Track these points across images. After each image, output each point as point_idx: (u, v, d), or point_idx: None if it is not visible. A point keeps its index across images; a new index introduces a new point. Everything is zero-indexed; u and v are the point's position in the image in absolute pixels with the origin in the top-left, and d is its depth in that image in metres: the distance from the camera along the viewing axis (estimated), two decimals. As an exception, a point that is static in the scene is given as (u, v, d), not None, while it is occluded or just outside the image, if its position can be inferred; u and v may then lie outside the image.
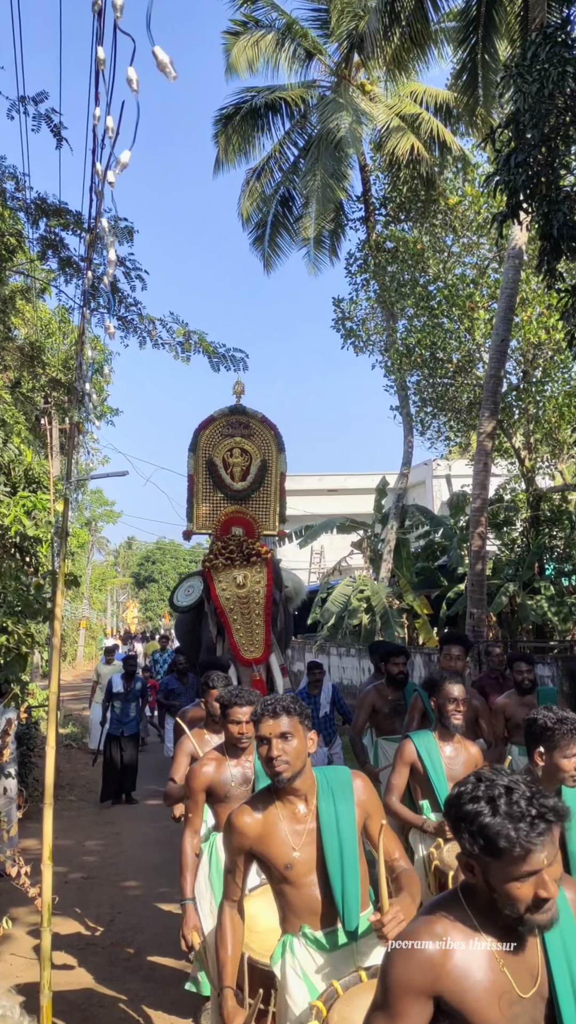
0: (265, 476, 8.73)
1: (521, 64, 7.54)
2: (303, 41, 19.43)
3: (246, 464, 8.73)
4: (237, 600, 8.10)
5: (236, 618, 8.04)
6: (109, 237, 3.41)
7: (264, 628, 8.00)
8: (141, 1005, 5.15)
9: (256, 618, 8.06)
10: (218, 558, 8.28)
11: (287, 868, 2.98)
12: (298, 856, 2.98)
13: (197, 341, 4.27)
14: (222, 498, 8.64)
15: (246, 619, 8.05)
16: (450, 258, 16.98)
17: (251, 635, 7.99)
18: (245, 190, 20.56)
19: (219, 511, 8.60)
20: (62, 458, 19.33)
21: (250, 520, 8.58)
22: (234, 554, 8.30)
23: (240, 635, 7.96)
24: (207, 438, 8.69)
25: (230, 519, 8.56)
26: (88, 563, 42.64)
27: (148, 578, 76.19)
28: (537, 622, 15.90)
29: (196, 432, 8.72)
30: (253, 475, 8.69)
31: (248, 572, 8.22)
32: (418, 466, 25.66)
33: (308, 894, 2.98)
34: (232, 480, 8.66)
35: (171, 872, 7.78)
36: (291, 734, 2.97)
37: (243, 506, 8.64)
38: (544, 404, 15.90)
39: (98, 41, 2.98)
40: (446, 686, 4.63)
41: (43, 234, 4.47)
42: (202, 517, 8.61)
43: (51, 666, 4.75)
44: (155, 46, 2.63)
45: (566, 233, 7.60)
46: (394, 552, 18.68)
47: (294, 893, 2.99)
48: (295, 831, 3.01)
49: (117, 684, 11.48)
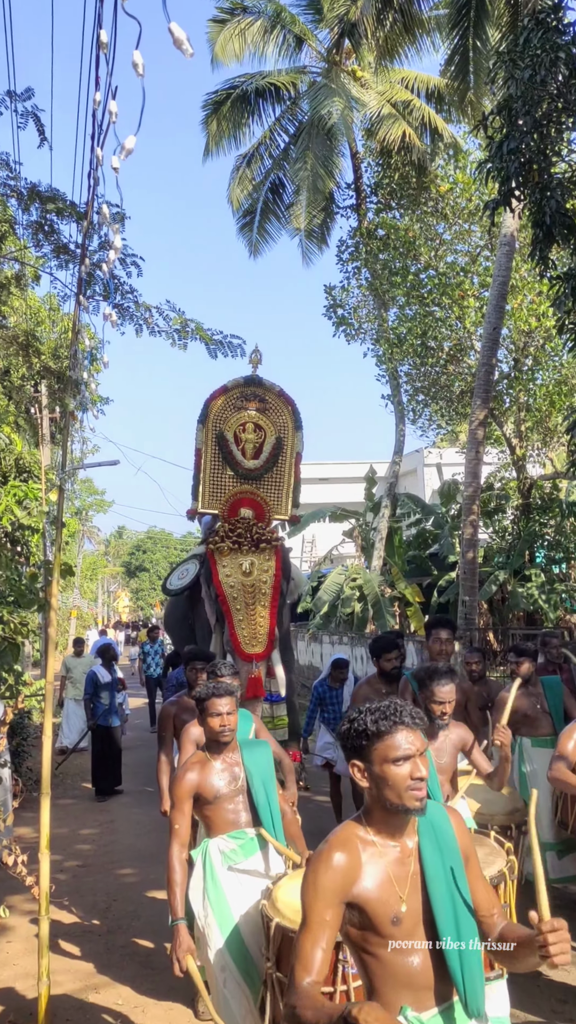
0: (280, 455, 8.05)
1: (513, 50, 7.52)
2: (293, 27, 19.30)
3: (259, 441, 8.04)
4: (242, 588, 7.50)
5: (239, 608, 7.47)
6: (112, 224, 3.38)
7: (269, 622, 7.46)
8: (138, 991, 5.17)
9: (261, 610, 7.48)
10: (224, 541, 7.66)
11: (395, 923, 2.27)
12: (406, 909, 2.30)
13: (194, 329, 4.24)
14: (232, 476, 7.96)
15: (250, 610, 7.48)
16: (441, 246, 16.96)
17: (254, 628, 7.42)
18: (235, 177, 20.47)
19: (228, 490, 7.94)
20: (53, 447, 19.29)
21: (261, 502, 7.94)
22: (242, 538, 7.68)
23: (242, 627, 7.41)
24: (219, 409, 7.94)
25: (239, 500, 7.92)
26: (79, 552, 42.56)
27: (139, 567, 76.18)
28: (528, 609, 15.96)
29: (207, 402, 7.96)
30: (267, 453, 8.01)
31: (256, 559, 7.63)
32: (410, 454, 25.70)
33: (411, 960, 2.28)
34: (244, 457, 7.98)
35: (166, 860, 7.82)
36: None
37: (254, 486, 7.99)
38: (535, 392, 15.93)
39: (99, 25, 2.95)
40: (434, 687, 4.36)
41: (36, 219, 4.44)
42: (208, 495, 7.92)
43: (45, 656, 4.75)
44: (171, 23, 2.59)
45: (558, 220, 7.60)
46: (386, 541, 18.71)
47: (393, 960, 2.26)
48: (399, 876, 2.33)
49: (103, 675, 11.36)
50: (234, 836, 4.11)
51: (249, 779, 4.16)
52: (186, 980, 5.20)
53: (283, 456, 8.08)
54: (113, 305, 4.13)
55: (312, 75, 19.84)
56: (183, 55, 2.66)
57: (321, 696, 8.70)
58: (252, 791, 4.15)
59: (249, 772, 4.19)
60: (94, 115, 3.19)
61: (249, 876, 4.06)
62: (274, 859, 4.18)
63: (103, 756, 11.08)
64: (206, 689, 4.11)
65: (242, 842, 4.11)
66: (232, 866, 4.06)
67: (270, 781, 4.24)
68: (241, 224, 21.06)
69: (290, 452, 8.10)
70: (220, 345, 4.47)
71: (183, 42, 2.68)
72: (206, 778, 4.10)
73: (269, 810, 4.15)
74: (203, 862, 4.12)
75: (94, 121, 3.19)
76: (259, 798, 4.15)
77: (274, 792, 4.21)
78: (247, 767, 4.20)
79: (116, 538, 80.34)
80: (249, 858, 4.11)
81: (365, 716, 2.36)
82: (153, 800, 10.28)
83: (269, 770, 4.27)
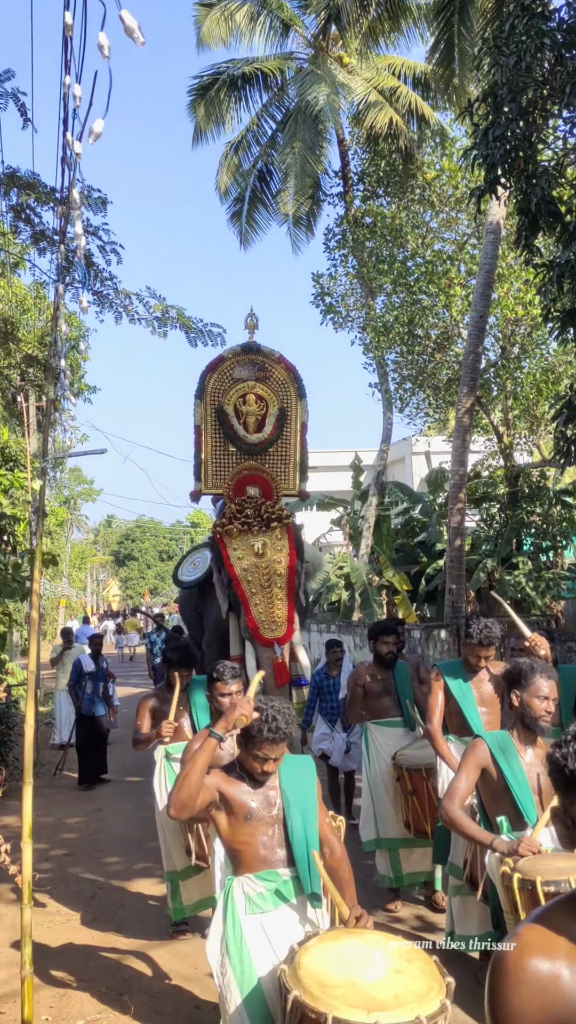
0: (284, 426, 7.61)
1: (498, 36, 7.48)
2: (280, 12, 19.18)
3: (262, 412, 7.58)
4: (256, 571, 7.07)
5: (255, 591, 7.02)
6: (77, 210, 3.35)
7: (287, 604, 7.02)
8: (123, 979, 5.19)
9: (278, 591, 7.04)
10: (232, 523, 7.24)
11: None
12: None
13: (175, 316, 4.21)
14: (235, 453, 7.53)
15: (266, 593, 7.03)
16: (428, 233, 16.92)
17: (271, 611, 6.99)
18: (223, 164, 20.37)
19: (231, 468, 7.52)
20: (39, 436, 19.21)
21: (267, 478, 7.55)
22: (251, 518, 7.26)
23: (259, 611, 6.95)
24: (216, 382, 7.52)
25: (245, 477, 7.52)
26: (67, 542, 42.48)
27: (128, 556, 76.10)
28: (515, 597, 16.01)
29: (203, 375, 7.54)
30: (270, 425, 7.57)
31: (267, 539, 7.20)
32: (397, 443, 25.70)
33: None
34: (246, 431, 7.54)
35: (152, 848, 7.82)
36: None
37: (259, 462, 7.57)
38: (522, 380, 15.94)
39: (66, 7, 2.92)
40: (536, 680, 3.92)
41: (14, 205, 4.40)
42: (212, 475, 7.52)
43: (30, 644, 4.74)
44: (122, 10, 2.56)
45: (544, 208, 7.58)
46: (374, 529, 18.73)
47: None
48: None
49: (88, 664, 11.26)
50: (264, 877, 3.37)
51: (285, 806, 3.44)
52: (171, 966, 5.24)
53: (288, 427, 7.63)
54: (91, 292, 4.11)
55: (299, 61, 19.73)
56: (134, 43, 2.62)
57: (319, 685, 8.48)
58: (288, 821, 3.42)
59: (286, 798, 3.46)
60: (65, 99, 3.15)
61: (278, 929, 3.32)
62: (312, 911, 3.42)
63: (87, 745, 11.05)
64: (260, 728, 3.34)
65: (273, 885, 3.36)
66: (259, 914, 3.34)
67: (311, 811, 3.47)
68: (231, 213, 20.96)
69: (295, 422, 7.64)
70: (200, 334, 4.44)
71: (134, 30, 2.65)
72: (236, 787, 3.41)
73: (306, 844, 3.39)
74: (225, 906, 3.41)
75: (65, 106, 3.16)
76: (295, 827, 3.41)
77: (315, 823, 3.46)
78: (284, 790, 3.47)
79: (105, 527, 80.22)
80: (280, 906, 3.36)
81: None
82: (140, 790, 10.29)
83: (311, 794, 3.52)
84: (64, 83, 3.09)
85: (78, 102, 3.01)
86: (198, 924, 5.76)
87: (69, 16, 2.87)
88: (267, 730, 3.25)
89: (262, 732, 3.27)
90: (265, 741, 3.28)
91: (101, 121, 2.97)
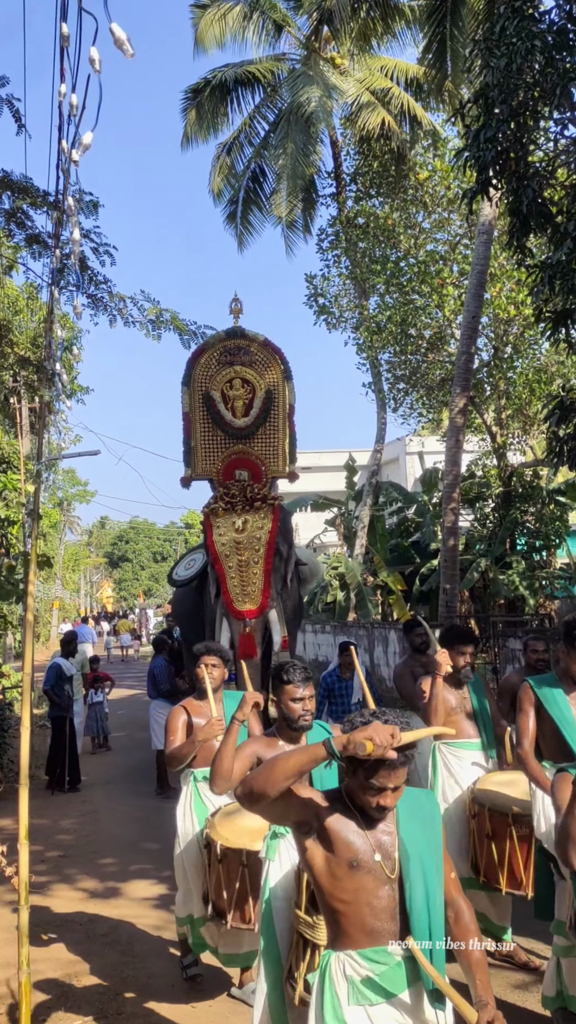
0: (271, 409, 7.66)
1: (489, 38, 7.51)
2: (272, 13, 19.18)
3: (248, 396, 7.64)
4: (234, 545, 7.21)
5: (231, 565, 7.18)
6: (74, 217, 3.37)
7: (263, 578, 7.16)
8: (119, 979, 5.20)
9: (254, 566, 7.19)
10: (218, 502, 7.42)
11: None
12: None
13: (169, 319, 4.23)
14: (223, 437, 7.62)
15: (242, 566, 7.17)
16: (421, 234, 16.97)
17: (245, 584, 7.13)
18: (216, 165, 20.36)
19: (221, 452, 7.61)
20: (32, 437, 19.20)
21: (256, 461, 7.62)
22: (236, 498, 7.42)
23: (234, 584, 7.12)
24: (202, 368, 7.61)
25: (233, 461, 7.62)
26: (61, 543, 42.43)
27: (122, 557, 76.03)
28: (509, 597, 16.08)
29: (189, 363, 7.64)
30: (257, 409, 7.62)
31: (250, 517, 7.35)
32: (391, 443, 25.74)
33: None
34: (233, 416, 7.62)
35: (147, 849, 7.86)
36: None
37: (247, 445, 7.65)
38: (515, 380, 16.01)
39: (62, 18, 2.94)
40: None
41: (7, 209, 4.42)
42: (202, 460, 7.61)
43: (25, 647, 4.75)
44: (112, 23, 2.59)
45: (535, 209, 7.62)
46: (368, 529, 18.77)
47: None
48: None
49: (67, 668, 11.04)
50: (372, 957, 2.49)
51: (403, 861, 2.54)
52: (166, 967, 5.25)
53: (275, 410, 7.68)
54: (86, 295, 4.14)
55: (291, 62, 19.74)
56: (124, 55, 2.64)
57: (330, 687, 8.01)
58: (406, 883, 2.52)
59: (404, 849, 2.56)
60: (59, 108, 3.17)
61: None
62: (431, 1008, 2.51)
63: (58, 749, 10.54)
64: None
65: (384, 968, 2.48)
66: (365, 1005, 2.48)
67: (435, 870, 2.57)
68: (226, 215, 20.96)
69: (282, 405, 7.70)
70: (193, 335, 4.47)
71: (124, 43, 2.67)
72: (342, 822, 2.55)
73: (428, 919, 2.50)
74: (322, 989, 2.53)
75: (60, 114, 3.18)
76: (414, 893, 2.51)
77: (440, 885, 2.57)
78: (403, 839, 2.57)
79: (98, 528, 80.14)
80: (393, 998, 2.48)
81: None
82: (135, 792, 10.30)
83: (435, 843, 2.63)
84: (59, 92, 3.11)
85: (75, 111, 3.02)
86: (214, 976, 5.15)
87: (66, 28, 2.88)
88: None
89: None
90: (382, 767, 2.43)
91: (90, 133, 3.00)
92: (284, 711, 3.64)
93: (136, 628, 40.42)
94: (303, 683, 3.60)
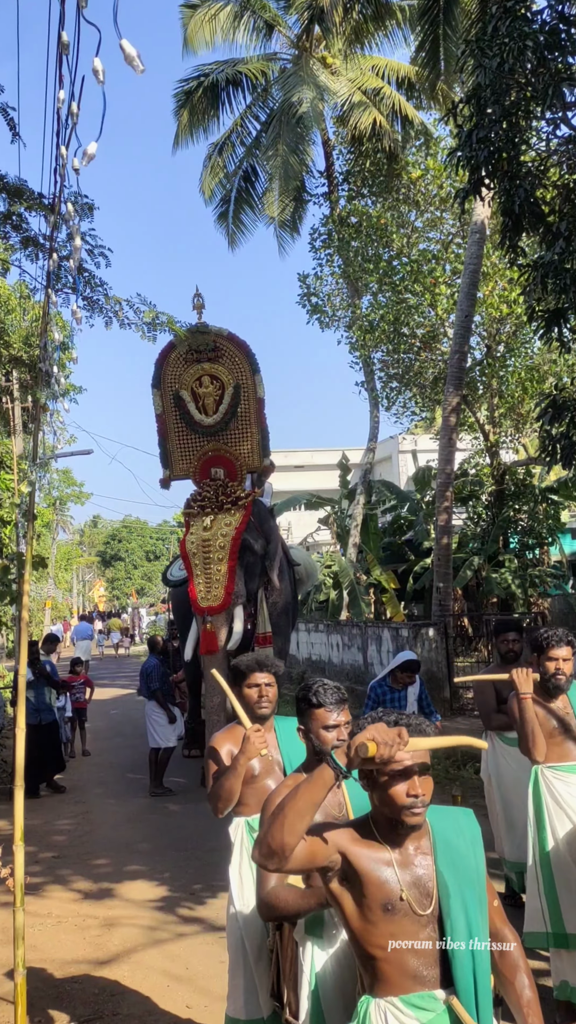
0: (239, 403, 7.61)
1: (481, 38, 7.52)
2: (263, 12, 19.17)
3: (218, 393, 7.62)
4: (200, 544, 7.35)
5: (197, 563, 7.32)
6: (74, 223, 3.36)
7: (227, 576, 7.21)
8: (114, 980, 5.20)
9: (218, 563, 7.26)
10: (193, 505, 7.55)
11: None
12: None
13: (166, 321, 4.24)
14: (197, 436, 7.65)
15: (206, 564, 7.29)
16: (413, 233, 17.00)
17: (209, 581, 7.22)
18: (207, 166, 20.36)
19: (196, 451, 7.64)
20: (25, 437, 19.16)
21: (230, 458, 7.64)
22: (210, 502, 7.53)
23: (199, 580, 7.26)
24: (171, 368, 7.63)
25: (209, 459, 7.65)
26: (53, 543, 42.36)
27: (115, 556, 75.86)
28: (502, 595, 16.12)
29: (158, 363, 7.64)
30: (226, 404, 7.60)
31: (219, 516, 7.44)
32: (384, 441, 25.79)
33: None
34: (203, 414, 7.62)
35: (141, 850, 7.86)
36: None
37: (220, 442, 7.65)
38: (507, 378, 16.05)
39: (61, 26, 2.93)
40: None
41: (2, 212, 4.42)
42: (179, 461, 7.68)
43: (18, 647, 4.74)
44: (122, 39, 2.58)
45: (527, 209, 7.64)
46: (361, 527, 18.79)
47: None
48: None
49: (27, 673, 10.63)
50: (415, 1003, 2.23)
51: (443, 896, 2.26)
52: (164, 964, 5.25)
53: (244, 404, 7.63)
54: (82, 297, 4.14)
55: (282, 62, 19.74)
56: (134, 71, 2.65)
57: (380, 698, 6.92)
58: (447, 921, 2.24)
59: (443, 881, 2.27)
60: (57, 113, 3.17)
61: None
62: None
63: (29, 754, 10.26)
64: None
65: (431, 1016, 2.22)
66: None
67: (477, 902, 2.29)
68: (217, 214, 20.96)
69: (251, 399, 7.66)
70: (188, 337, 4.47)
71: (134, 58, 2.67)
72: (369, 851, 2.27)
73: (472, 957, 2.23)
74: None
75: (57, 120, 3.17)
76: (456, 929, 2.23)
77: (484, 918, 2.30)
78: (441, 869, 2.28)
79: (91, 527, 79.97)
80: None
81: None
82: (129, 792, 10.31)
83: (478, 870, 2.33)
84: (58, 98, 3.11)
85: (75, 119, 3.02)
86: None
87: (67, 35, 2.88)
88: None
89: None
90: (399, 777, 2.22)
91: (95, 144, 2.99)
92: (314, 741, 2.87)
93: (128, 627, 40.54)
94: (336, 706, 2.87)
